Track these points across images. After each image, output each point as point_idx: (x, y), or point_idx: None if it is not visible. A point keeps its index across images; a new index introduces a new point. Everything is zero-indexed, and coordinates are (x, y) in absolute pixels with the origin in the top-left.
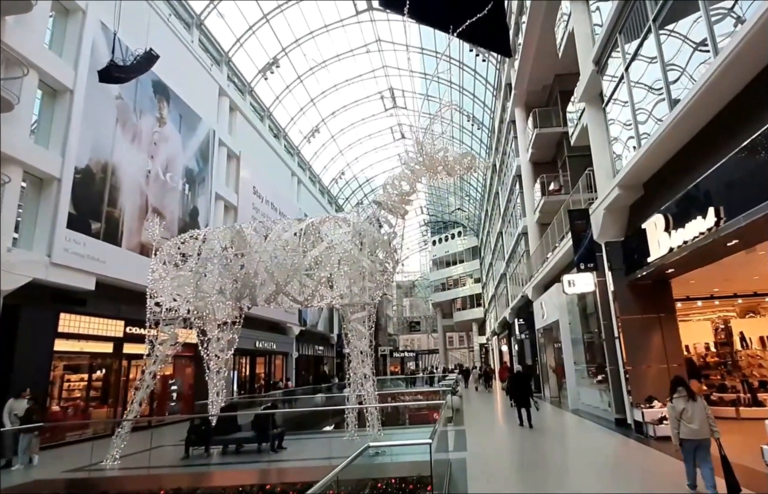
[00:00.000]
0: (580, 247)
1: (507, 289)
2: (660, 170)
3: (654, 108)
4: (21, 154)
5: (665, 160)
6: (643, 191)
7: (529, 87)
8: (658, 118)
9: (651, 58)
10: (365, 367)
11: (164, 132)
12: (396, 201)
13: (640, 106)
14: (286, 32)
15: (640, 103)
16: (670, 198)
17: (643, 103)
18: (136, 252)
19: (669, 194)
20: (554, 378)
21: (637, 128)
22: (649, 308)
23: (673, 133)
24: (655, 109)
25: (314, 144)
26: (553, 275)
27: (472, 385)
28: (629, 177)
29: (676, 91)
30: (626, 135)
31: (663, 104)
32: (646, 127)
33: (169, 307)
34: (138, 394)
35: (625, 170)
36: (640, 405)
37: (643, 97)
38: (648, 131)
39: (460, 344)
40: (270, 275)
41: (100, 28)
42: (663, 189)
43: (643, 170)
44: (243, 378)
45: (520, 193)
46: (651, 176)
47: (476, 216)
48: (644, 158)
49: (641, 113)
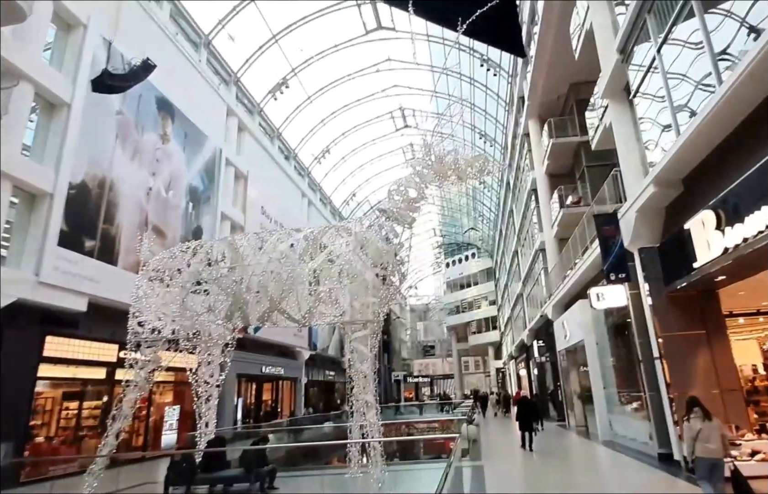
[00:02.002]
0: (610, 255)
1: (524, 310)
2: (705, 159)
3: (692, 94)
4: (11, 168)
5: (713, 146)
6: (683, 187)
7: (543, 98)
8: (693, 110)
9: (688, 34)
10: (367, 393)
11: (167, 149)
12: (402, 208)
13: (677, 90)
14: (296, 52)
15: (676, 87)
16: (721, 190)
17: (679, 90)
18: (134, 272)
19: (719, 185)
20: (579, 404)
21: (674, 113)
22: (694, 324)
23: (727, 108)
24: (692, 100)
25: (325, 165)
26: (575, 292)
27: (491, 411)
28: (667, 171)
29: (723, 64)
30: (659, 128)
31: (698, 94)
32: (683, 117)
33: (152, 327)
34: (114, 425)
35: (662, 163)
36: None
37: (678, 84)
38: (685, 121)
39: (476, 368)
40: (263, 289)
41: (102, 43)
42: (710, 182)
43: (684, 163)
44: (248, 405)
45: (536, 207)
46: (693, 169)
47: (490, 237)
48: (686, 146)
49: (678, 98)
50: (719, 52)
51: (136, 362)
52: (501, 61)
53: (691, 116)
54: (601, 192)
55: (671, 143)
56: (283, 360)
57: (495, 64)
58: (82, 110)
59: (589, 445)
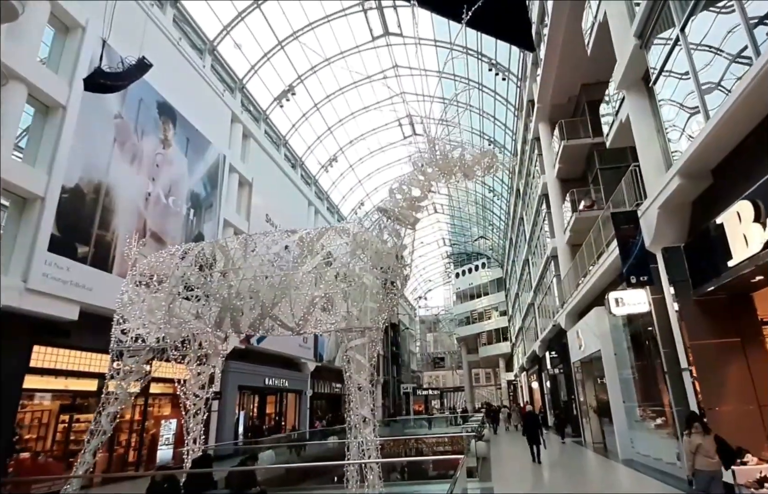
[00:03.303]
0: (630, 256)
1: (536, 320)
2: (739, 145)
3: (725, 71)
4: (2, 170)
5: (748, 129)
6: (712, 178)
7: (554, 100)
8: (725, 88)
9: (716, 10)
10: (364, 407)
11: (168, 154)
12: (404, 208)
13: (704, 73)
14: (302, 59)
15: (704, 70)
16: (759, 177)
17: (707, 73)
18: None
19: (757, 173)
20: (596, 419)
21: (702, 95)
22: (727, 331)
23: (766, 83)
24: (723, 81)
25: (332, 173)
26: (590, 299)
27: (502, 425)
28: (694, 161)
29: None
30: (683, 115)
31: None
32: (713, 100)
33: (136, 335)
34: (92, 442)
35: (689, 152)
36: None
37: (707, 65)
38: (716, 104)
39: (487, 381)
40: (254, 294)
41: (100, 45)
42: (744, 170)
43: (714, 150)
44: (252, 418)
45: (547, 213)
46: (724, 157)
47: (500, 247)
48: (717, 131)
49: (706, 80)
50: (755, 19)
51: (117, 373)
52: (510, 65)
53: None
54: (617, 191)
55: (698, 130)
56: (287, 372)
57: (504, 68)
58: (78, 113)
59: (608, 464)
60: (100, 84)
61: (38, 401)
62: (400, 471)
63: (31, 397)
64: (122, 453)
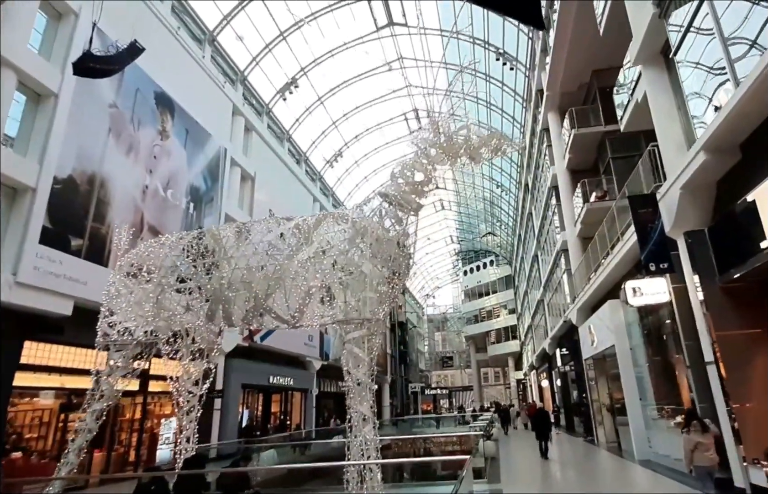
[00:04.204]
0: (649, 242)
1: (545, 317)
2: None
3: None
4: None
5: None
6: (740, 154)
7: (564, 88)
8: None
9: None
10: (363, 404)
11: (166, 146)
12: (407, 192)
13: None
14: (305, 51)
15: (734, 33)
16: None
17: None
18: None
19: None
20: (609, 418)
21: (730, 60)
22: (757, 321)
23: None
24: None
25: (337, 169)
26: (604, 292)
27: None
28: (721, 134)
29: None
30: (707, 90)
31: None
32: (742, 68)
33: (122, 329)
34: (76, 441)
35: (717, 123)
36: (760, 462)
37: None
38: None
39: (496, 380)
40: (246, 285)
41: (96, 33)
42: None
43: (744, 121)
44: (256, 417)
45: (557, 205)
46: (754, 131)
47: (508, 244)
48: (748, 99)
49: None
50: None
51: (112, 368)
52: (518, 54)
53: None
54: (634, 177)
55: (726, 100)
56: (293, 370)
57: (511, 57)
58: (70, 102)
59: (623, 465)
60: (90, 68)
61: (37, 399)
62: (407, 471)
63: (35, 395)
64: (122, 453)
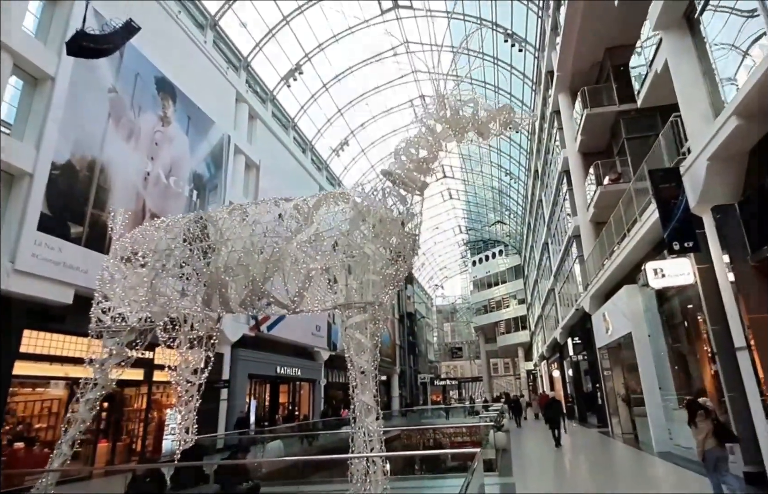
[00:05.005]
0: (672, 219)
1: (556, 306)
2: None
3: None
4: None
5: None
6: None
7: (575, 67)
8: None
9: None
10: (365, 393)
11: (168, 132)
12: (411, 170)
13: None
14: (309, 36)
15: None
16: None
17: None
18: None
19: None
20: (625, 408)
21: (767, 10)
22: None
23: None
24: None
25: (344, 158)
26: (619, 278)
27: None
28: (755, 98)
29: None
30: (736, 55)
31: None
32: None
33: (116, 314)
34: (68, 432)
35: (750, 83)
36: None
37: None
38: None
39: (506, 371)
40: (244, 268)
41: (93, 16)
42: None
43: None
44: (263, 407)
45: (568, 190)
46: None
47: (518, 233)
48: None
49: None
50: None
51: (97, 356)
52: (527, 35)
53: None
54: (655, 149)
55: (762, 58)
56: (300, 361)
57: (520, 38)
58: (68, 85)
59: (642, 458)
60: (84, 47)
61: (47, 389)
62: (417, 461)
63: (37, 384)
64: (128, 443)
